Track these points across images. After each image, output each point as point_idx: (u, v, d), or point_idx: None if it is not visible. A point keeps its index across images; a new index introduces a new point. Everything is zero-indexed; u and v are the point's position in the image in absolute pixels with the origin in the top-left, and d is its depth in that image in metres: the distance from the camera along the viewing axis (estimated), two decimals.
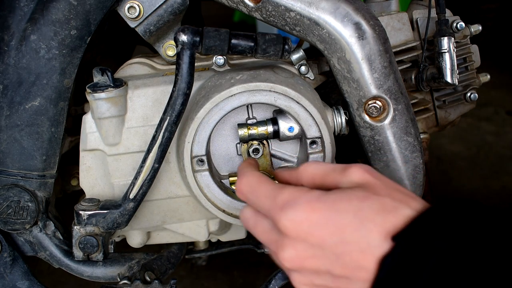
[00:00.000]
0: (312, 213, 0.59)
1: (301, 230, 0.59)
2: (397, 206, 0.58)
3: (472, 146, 2.52)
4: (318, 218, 0.59)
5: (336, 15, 0.84)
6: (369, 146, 0.92)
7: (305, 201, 0.60)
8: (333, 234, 0.58)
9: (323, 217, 0.59)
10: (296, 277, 0.63)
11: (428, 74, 1.02)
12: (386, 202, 0.59)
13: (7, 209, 0.92)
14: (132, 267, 0.97)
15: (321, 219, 0.59)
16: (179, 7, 0.90)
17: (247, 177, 0.69)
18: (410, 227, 0.56)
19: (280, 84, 0.83)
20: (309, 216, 0.59)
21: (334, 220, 0.58)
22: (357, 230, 0.57)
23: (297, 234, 0.60)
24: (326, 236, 0.58)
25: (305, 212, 0.59)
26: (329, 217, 0.58)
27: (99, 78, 0.89)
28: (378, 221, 0.57)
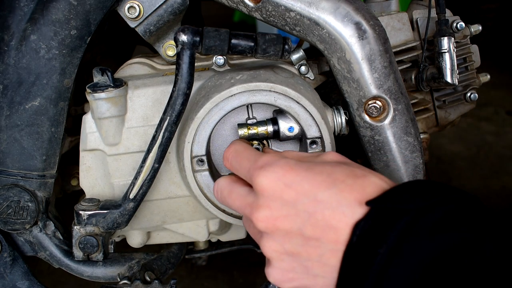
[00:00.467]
0: (288, 172, 0.62)
1: (277, 187, 0.62)
2: (366, 174, 0.62)
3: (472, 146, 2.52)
4: (293, 176, 0.62)
5: (336, 15, 0.84)
6: (369, 146, 0.92)
7: (284, 162, 0.63)
8: (307, 193, 0.61)
9: (298, 176, 0.61)
10: (267, 242, 0.64)
11: (428, 74, 1.02)
12: (356, 170, 0.63)
13: (7, 209, 0.92)
14: (132, 267, 0.97)
15: (296, 178, 0.61)
16: (179, 7, 0.90)
17: (234, 144, 0.75)
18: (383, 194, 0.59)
19: (280, 84, 0.83)
20: (285, 175, 0.62)
21: (308, 179, 0.61)
22: (329, 189, 0.60)
23: (273, 192, 0.62)
24: (299, 194, 0.61)
25: (282, 170, 0.62)
26: (304, 176, 0.61)
27: (99, 78, 0.89)
28: (349, 182, 0.60)
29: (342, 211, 0.59)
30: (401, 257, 0.54)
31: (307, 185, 0.61)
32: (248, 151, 0.71)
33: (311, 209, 0.60)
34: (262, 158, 0.66)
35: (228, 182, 0.73)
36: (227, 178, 0.74)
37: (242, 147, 0.73)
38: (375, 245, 0.56)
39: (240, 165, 0.70)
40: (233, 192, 0.71)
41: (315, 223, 0.60)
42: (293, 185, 0.61)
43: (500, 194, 2.16)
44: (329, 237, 0.60)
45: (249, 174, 0.66)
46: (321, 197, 0.60)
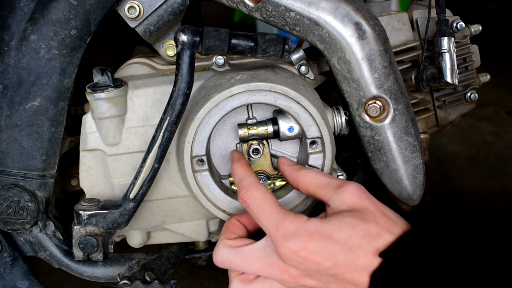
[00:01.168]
0: (309, 243, 0.69)
1: (300, 258, 0.69)
2: (380, 232, 0.69)
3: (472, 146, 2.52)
4: (314, 246, 0.68)
5: (336, 15, 0.84)
6: (369, 146, 0.92)
7: (304, 231, 0.69)
8: (327, 260, 0.68)
9: (319, 245, 0.68)
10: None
11: (428, 74, 1.02)
12: (371, 229, 0.69)
13: (7, 209, 0.92)
14: (132, 267, 0.97)
15: (316, 247, 0.68)
16: (179, 7, 0.90)
17: (252, 190, 0.75)
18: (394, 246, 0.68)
19: (280, 84, 0.83)
20: (306, 246, 0.69)
21: (328, 247, 0.68)
22: (347, 256, 0.68)
23: (296, 261, 0.69)
24: (321, 261, 0.68)
25: (303, 241, 0.69)
26: (324, 246, 0.68)
27: (99, 78, 0.89)
28: (364, 246, 0.68)
29: (359, 273, 0.68)
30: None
31: (327, 254, 0.68)
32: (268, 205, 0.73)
33: (333, 272, 0.69)
34: (284, 226, 0.70)
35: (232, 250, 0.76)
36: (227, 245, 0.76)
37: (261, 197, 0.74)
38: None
39: (259, 220, 0.74)
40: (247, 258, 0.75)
41: (337, 281, 0.69)
42: (314, 255, 0.68)
43: (500, 194, 2.16)
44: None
45: (270, 237, 0.72)
46: (340, 263, 0.68)
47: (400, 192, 0.95)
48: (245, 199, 0.75)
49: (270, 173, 0.90)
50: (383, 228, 0.70)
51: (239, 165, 0.82)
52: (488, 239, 0.69)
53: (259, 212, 0.74)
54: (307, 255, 0.68)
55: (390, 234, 0.70)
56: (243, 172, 0.79)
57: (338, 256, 0.68)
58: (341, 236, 0.69)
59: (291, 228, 0.70)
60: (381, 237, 0.69)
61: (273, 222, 0.71)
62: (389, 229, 0.70)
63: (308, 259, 0.69)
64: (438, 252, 0.66)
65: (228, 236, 0.78)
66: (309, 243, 0.68)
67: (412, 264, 0.65)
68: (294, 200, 0.88)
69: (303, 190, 0.80)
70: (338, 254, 0.68)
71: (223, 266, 0.76)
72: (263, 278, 0.74)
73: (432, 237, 0.69)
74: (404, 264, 0.66)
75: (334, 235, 0.69)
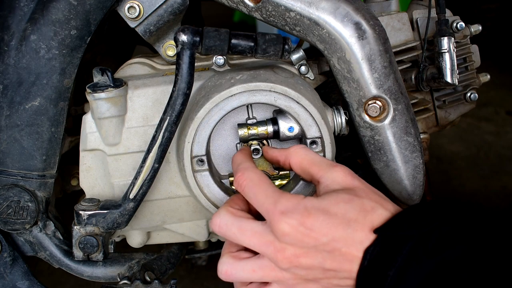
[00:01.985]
0: (308, 218, 0.68)
1: (298, 233, 0.68)
2: (374, 206, 0.70)
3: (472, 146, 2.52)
4: (312, 222, 0.68)
5: (336, 15, 0.84)
6: (369, 146, 0.92)
7: (302, 207, 0.69)
8: (325, 234, 0.68)
9: (317, 221, 0.68)
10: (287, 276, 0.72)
11: (428, 74, 1.02)
12: (366, 203, 0.70)
13: (7, 209, 0.92)
14: (132, 267, 0.97)
15: (315, 222, 0.68)
16: (179, 7, 0.90)
17: (248, 172, 0.75)
18: (388, 222, 0.68)
19: (280, 84, 0.83)
20: (305, 221, 0.68)
21: (326, 222, 0.68)
22: (345, 229, 0.68)
23: (294, 236, 0.68)
24: (319, 236, 0.68)
25: (301, 217, 0.68)
26: (322, 221, 0.68)
27: (99, 78, 0.89)
28: (360, 220, 0.69)
29: (356, 247, 0.68)
30: (407, 277, 0.64)
31: (325, 229, 0.68)
32: (266, 186, 0.73)
33: (330, 247, 0.68)
34: (282, 202, 0.70)
35: (233, 217, 0.74)
36: (229, 211, 0.75)
37: (258, 178, 0.74)
38: (385, 268, 0.65)
39: (256, 199, 0.73)
40: (245, 229, 0.73)
41: (333, 258, 0.69)
42: (313, 230, 0.68)
43: (500, 194, 2.16)
44: (345, 267, 0.69)
45: (267, 214, 0.71)
46: (338, 237, 0.68)
47: (400, 192, 0.95)
48: (240, 181, 0.75)
49: (270, 173, 0.90)
50: (377, 203, 0.70)
51: (240, 152, 0.82)
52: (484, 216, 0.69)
53: (255, 192, 0.73)
54: (305, 230, 0.68)
55: (384, 209, 0.70)
56: (241, 158, 0.80)
57: (336, 230, 0.68)
58: (338, 210, 0.69)
59: (289, 204, 0.69)
60: (376, 212, 0.69)
61: (271, 199, 0.71)
62: (383, 204, 0.71)
63: (306, 234, 0.68)
64: (433, 226, 0.66)
65: (232, 205, 0.76)
66: (308, 218, 0.68)
67: (407, 239, 0.65)
68: None
69: (295, 166, 0.79)
70: (336, 228, 0.68)
71: (219, 230, 0.74)
72: (254, 258, 0.73)
73: (427, 214, 0.69)
74: (398, 239, 0.66)
75: (331, 210, 0.69)
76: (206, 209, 0.88)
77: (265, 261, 0.72)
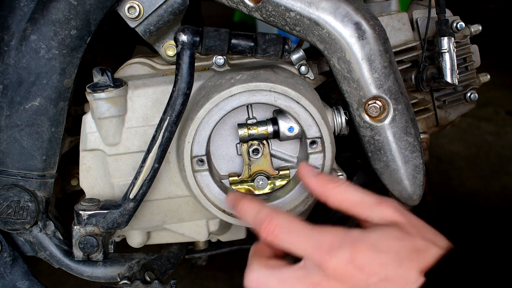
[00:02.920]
0: (357, 254, 0.64)
1: (348, 271, 0.64)
2: (427, 245, 0.65)
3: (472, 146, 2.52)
4: (362, 258, 0.64)
5: (336, 15, 0.84)
6: (369, 146, 0.92)
7: (349, 242, 0.65)
8: (376, 273, 0.63)
9: (367, 257, 0.64)
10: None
11: (428, 74, 1.02)
12: (418, 242, 0.65)
13: (7, 209, 0.92)
14: (132, 267, 0.97)
15: (365, 259, 0.64)
16: (179, 7, 0.90)
17: (275, 218, 0.69)
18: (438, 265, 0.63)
19: (280, 84, 0.83)
20: (355, 258, 0.64)
21: (377, 260, 0.64)
22: (397, 268, 0.63)
23: (344, 275, 0.64)
24: (370, 275, 0.63)
25: (351, 254, 0.64)
26: (372, 258, 0.64)
27: (99, 78, 0.89)
28: (414, 259, 0.63)
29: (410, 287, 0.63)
30: None
31: (376, 267, 0.64)
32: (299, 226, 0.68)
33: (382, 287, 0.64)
34: (326, 241, 0.66)
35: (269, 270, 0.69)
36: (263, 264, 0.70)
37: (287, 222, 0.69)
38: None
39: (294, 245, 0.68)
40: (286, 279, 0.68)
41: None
42: (363, 268, 0.64)
43: (500, 194, 2.16)
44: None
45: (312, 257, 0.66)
46: (391, 276, 0.63)
47: (400, 192, 0.95)
48: (270, 230, 0.69)
49: (270, 173, 0.90)
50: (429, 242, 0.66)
51: (246, 201, 0.76)
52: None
53: (292, 237, 0.68)
54: (354, 268, 0.64)
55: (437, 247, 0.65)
56: (254, 206, 0.74)
57: (389, 269, 0.63)
58: (389, 248, 0.64)
59: (334, 240, 0.65)
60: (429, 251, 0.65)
61: (312, 240, 0.66)
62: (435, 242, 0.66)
63: (356, 272, 0.64)
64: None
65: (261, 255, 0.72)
66: (358, 254, 0.64)
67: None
68: (294, 200, 0.88)
69: (334, 206, 0.73)
70: (388, 267, 0.63)
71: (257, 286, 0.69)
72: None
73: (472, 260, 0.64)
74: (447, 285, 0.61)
75: (381, 246, 0.65)
76: (206, 209, 0.88)
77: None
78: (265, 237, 0.70)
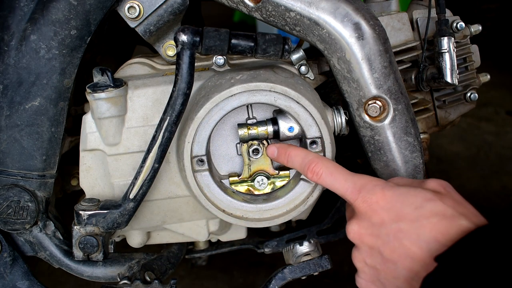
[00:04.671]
0: (382, 199, 0.71)
1: (369, 209, 0.72)
2: (456, 216, 0.67)
3: (472, 146, 2.52)
4: (385, 203, 0.71)
5: (336, 15, 0.84)
6: (369, 146, 0.92)
7: (380, 189, 0.73)
8: (392, 220, 0.69)
9: (389, 203, 0.71)
10: (355, 253, 0.76)
11: (428, 74, 1.02)
12: (447, 211, 0.68)
13: (7, 209, 0.92)
14: (132, 267, 0.97)
15: (387, 204, 0.71)
16: (179, 7, 0.90)
17: (322, 160, 0.80)
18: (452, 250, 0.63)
19: (280, 84, 0.83)
20: (379, 200, 0.71)
21: (397, 208, 0.70)
22: (412, 222, 0.68)
23: (365, 212, 0.72)
24: (386, 219, 0.70)
25: (376, 196, 0.72)
26: (394, 205, 0.70)
27: (99, 78, 0.89)
28: (433, 221, 0.67)
29: (419, 245, 0.66)
30: None
31: (393, 214, 0.70)
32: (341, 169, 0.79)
33: (392, 235, 0.69)
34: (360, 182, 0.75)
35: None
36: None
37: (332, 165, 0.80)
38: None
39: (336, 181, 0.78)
40: (348, 208, 0.82)
41: (393, 248, 0.69)
42: (381, 212, 0.71)
43: (500, 194, 2.16)
44: (405, 264, 0.68)
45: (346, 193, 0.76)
46: (402, 227, 0.68)
47: None
48: (316, 170, 0.79)
49: (270, 173, 0.90)
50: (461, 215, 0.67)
51: (293, 148, 0.84)
52: None
53: (333, 177, 0.78)
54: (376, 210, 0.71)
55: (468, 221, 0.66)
56: (301, 152, 0.83)
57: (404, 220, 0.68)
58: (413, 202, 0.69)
59: (368, 184, 0.74)
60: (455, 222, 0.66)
61: (350, 181, 0.76)
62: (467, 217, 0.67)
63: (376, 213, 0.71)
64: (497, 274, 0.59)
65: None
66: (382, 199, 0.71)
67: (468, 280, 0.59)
68: (294, 200, 0.88)
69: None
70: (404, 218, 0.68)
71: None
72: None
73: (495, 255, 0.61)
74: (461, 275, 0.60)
75: (406, 199, 0.70)
76: (206, 209, 0.88)
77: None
78: (311, 177, 0.81)
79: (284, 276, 0.95)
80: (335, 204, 1.28)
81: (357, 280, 0.79)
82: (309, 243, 0.94)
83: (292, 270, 0.94)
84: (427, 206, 0.68)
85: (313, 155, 0.82)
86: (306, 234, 1.27)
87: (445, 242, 0.65)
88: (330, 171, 0.79)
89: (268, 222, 0.89)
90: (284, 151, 0.85)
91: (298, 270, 0.94)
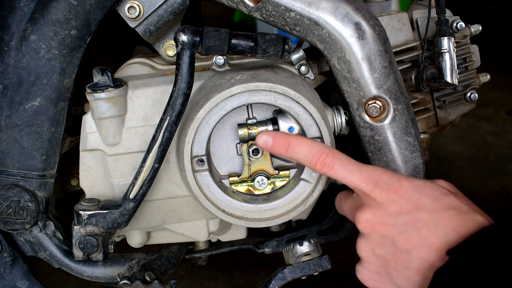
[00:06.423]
0: (400, 189, 0.71)
1: (387, 199, 0.71)
2: (471, 211, 0.68)
3: (472, 146, 2.52)
4: (403, 193, 0.70)
5: (336, 15, 0.84)
6: (369, 146, 0.92)
7: (397, 180, 0.72)
8: (411, 209, 0.69)
9: (407, 194, 0.70)
10: (361, 242, 0.75)
11: (428, 74, 1.02)
12: (463, 206, 0.69)
13: (7, 209, 0.92)
14: (132, 267, 0.97)
15: (405, 194, 0.70)
16: (179, 7, 0.90)
17: (334, 153, 0.77)
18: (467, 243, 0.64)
19: (280, 84, 0.83)
20: (397, 190, 0.71)
21: (415, 199, 0.70)
22: (431, 213, 0.68)
23: (382, 202, 0.71)
24: (404, 208, 0.70)
25: (394, 186, 0.71)
26: (412, 195, 0.70)
27: (99, 78, 0.89)
28: (451, 213, 0.67)
29: (437, 235, 0.66)
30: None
31: (412, 204, 0.69)
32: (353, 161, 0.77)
33: (410, 224, 0.69)
34: (376, 174, 0.74)
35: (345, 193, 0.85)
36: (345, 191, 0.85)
37: (344, 157, 0.77)
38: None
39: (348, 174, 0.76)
40: (346, 200, 0.82)
41: (409, 237, 0.68)
42: (400, 202, 0.70)
43: (500, 194, 2.16)
44: (419, 254, 0.67)
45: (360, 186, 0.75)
46: (421, 217, 0.68)
47: None
48: (328, 162, 0.76)
49: (270, 173, 0.90)
50: (476, 212, 0.68)
51: (297, 138, 0.80)
52: None
53: (346, 169, 0.76)
54: (393, 199, 0.70)
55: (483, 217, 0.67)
56: (306, 141, 0.79)
57: (423, 209, 0.68)
58: (431, 194, 0.69)
59: (384, 176, 0.73)
60: (472, 216, 0.67)
61: (364, 173, 0.74)
62: (482, 214, 0.68)
63: (391, 204, 0.70)
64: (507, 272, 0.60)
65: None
66: (399, 190, 0.71)
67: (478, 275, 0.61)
68: (294, 200, 0.88)
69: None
70: (423, 208, 0.68)
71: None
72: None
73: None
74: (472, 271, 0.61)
75: (424, 191, 0.70)
76: (206, 209, 0.88)
77: None
78: (320, 169, 0.77)
79: (284, 276, 0.95)
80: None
81: (359, 270, 0.77)
82: (309, 243, 0.94)
83: (292, 270, 0.94)
84: (444, 199, 0.69)
85: (320, 145, 0.78)
86: (306, 234, 1.27)
87: (464, 233, 0.65)
88: (343, 162, 0.76)
89: (268, 222, 0.89)
90: (283, 139, 0.79)
91: (298, 270, 0.94)
